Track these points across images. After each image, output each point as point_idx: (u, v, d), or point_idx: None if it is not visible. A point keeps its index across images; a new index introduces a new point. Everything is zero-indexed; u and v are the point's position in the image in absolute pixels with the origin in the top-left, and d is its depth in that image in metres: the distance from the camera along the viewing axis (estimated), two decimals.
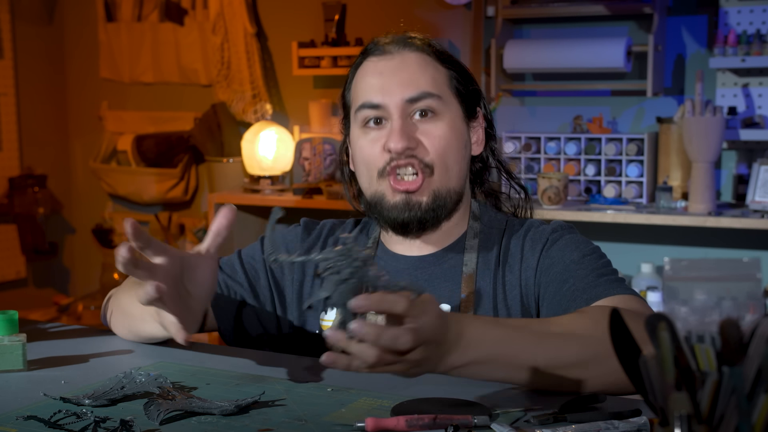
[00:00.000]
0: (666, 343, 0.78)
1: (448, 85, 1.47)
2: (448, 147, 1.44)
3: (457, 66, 1.50)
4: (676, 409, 0.78)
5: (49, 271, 4.56)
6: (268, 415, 1.15)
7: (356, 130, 1.48)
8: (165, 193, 4.21)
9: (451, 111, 1.46)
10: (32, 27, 4.42)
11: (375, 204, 1.47)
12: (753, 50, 2.99)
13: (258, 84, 3.95)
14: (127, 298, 1.51)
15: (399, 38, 1.48)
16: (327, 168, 3.64)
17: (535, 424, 1.10)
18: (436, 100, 1.43)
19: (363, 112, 1.45)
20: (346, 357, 1.07)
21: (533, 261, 1.44)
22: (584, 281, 1.37)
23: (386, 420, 1.08)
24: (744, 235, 3.11)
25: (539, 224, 1.50)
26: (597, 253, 1.44)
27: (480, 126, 1.53)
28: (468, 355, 1.15)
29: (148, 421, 1.13)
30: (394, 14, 3.69)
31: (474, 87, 1.52)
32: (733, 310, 0.74)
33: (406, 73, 1.44)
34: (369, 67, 1.47)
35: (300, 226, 1.62)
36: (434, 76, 1.45)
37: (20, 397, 1.24)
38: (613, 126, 3.35)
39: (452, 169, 1.45)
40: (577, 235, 1.47)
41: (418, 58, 1.45)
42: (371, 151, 1.45)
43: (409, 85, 1.43)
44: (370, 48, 1.49)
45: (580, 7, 3.23)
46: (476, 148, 1.53)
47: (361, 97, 1.46)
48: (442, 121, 1.44)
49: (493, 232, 1.50)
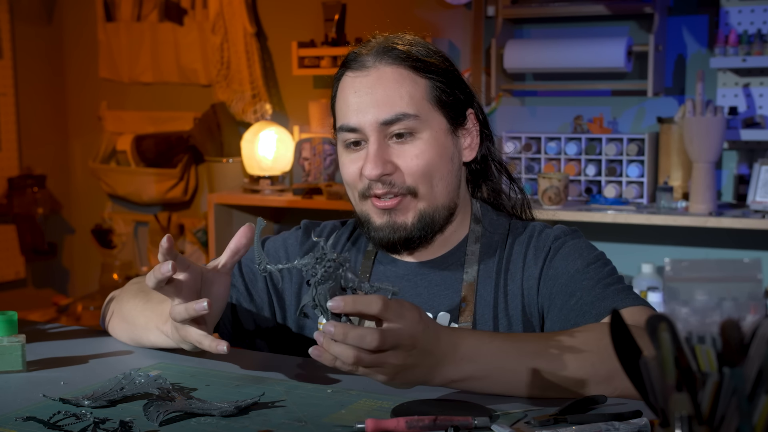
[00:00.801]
0: (667, 343, 0.78)
1: (427, 98, 1.40)
2: (429, 165, 1.40)
3: (441, 73, 1.43)
4: (676, 410, 0.78)
5: (49, 271, 4.56)
6: (268, 416, 1.15)
7: (340, 147, 1.46)
8: (164, 193, 4.21)
9: (432, 127, 1.41)
10: (31, 27, 4.42)
11: (363, 223, 1.46)
12: (754, 50, 2.98)
13: (258, 84, 3.95)
14: (130, 306, 1.51)
15: (378, 48, 1.42)
16: (327, 168, 3.64)
17: (536, 425, 1.10)
18: (413, 120, 1.38)
19: (343, 134, 1.43)
20: (331, 354, 1.10)
21: (536, 271, 1.42)
22: (591, 294, 1.35)
23: (386, 421, 1.08)
24: (745, 235, 3.10)
25: (542, 229, 1.47)
26: (602, 260, 1.42)
27: (472, 129, 1.48)
28: (464, 369, 1.16)
29: (147, 422, 1.13)
30: (394, 14, 3.69)
31: (462, 91, 1.46)
32: (734, 311, 0.74)
33: (381, 91, 1.39)
34: (347, 83, 1.43)
35: (300, 229, 1.61)
36: (411, 92, 1.39)
37: (19, 398, 1.24)
38: (613, 126, 3.34)
39: (437, 186, 1.41)
40: (580, 240, 1.45)
41: (394, 74, 1.39)
42: (351, 171, 1.43)
43: (384, 105, 1.38)
44: (350, 59, 1.45)
45: (581, 7, 3.23)
46: (468, 154, 1.48)
47: (340, 116, 1.44)
48: (421, 139, 1.39)
49: (495, 237, 1.48)
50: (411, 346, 1.11)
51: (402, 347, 1.10)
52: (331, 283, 1.15)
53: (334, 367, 1.12)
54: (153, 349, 1.49)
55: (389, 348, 1.09)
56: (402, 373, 1.13)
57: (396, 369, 1.12)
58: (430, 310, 1.44)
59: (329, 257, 1.15)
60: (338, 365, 1.11)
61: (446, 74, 1.44)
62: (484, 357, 1.18)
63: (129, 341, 1.52)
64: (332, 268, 1.15)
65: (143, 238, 4.40)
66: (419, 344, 1.11)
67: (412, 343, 1.11)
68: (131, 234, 4.40)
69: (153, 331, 1.42)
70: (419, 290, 1.46)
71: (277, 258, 1.55)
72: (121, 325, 1.53)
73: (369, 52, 1.43)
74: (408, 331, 1.10)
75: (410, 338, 1.10)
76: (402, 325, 1.10)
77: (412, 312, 1.12)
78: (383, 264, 1.51)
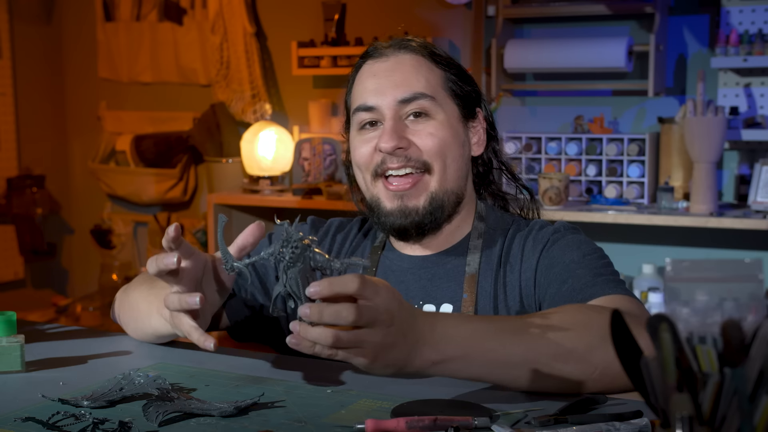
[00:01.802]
0: (668, 344, 0.78)
1: (443, 86, 1.48)
2: (443, 144, 1.45)
3: (455, 68, 1.51)
4: (677, 410, 0.78)
5: (48, 271, 4.56)
6: (268, 416, 1.15)
7: (354, 131, 1.51)
8: (164, 193, 4.21)
9: (446, 111, 1.47)
10: (30, 26, 4.42)
11: (373, 208, 1.49)
12: (755, 50, 2.98)
13: (257, 84, 3.95)
14: (135, 294, 1.52)
15: (396, 41, 1.50)
16: (327, 168, 3.64)
17: (536, 425, 1.10)
18: (429, 100, 1.45)
19: (359, 114, 1.48)
20: (309, 341, 1.11)
21: (533, 261, 1.45)
22: (582, 281, 1.37)
23: (386, 421, 1.07)
24: (746, 235, 3.10)
25: (543, 224, 1.50)
26: (598, 254, 1.43)
27: (480, 127, 1.54)
28: (443, 350, 1.16)
29: (147, 422, 1.12)
30: (394, 14, 3.69)
31: (472, 88, 1.53)
32: (735, 312, 0.74)
33: (399, 74, 1.46)
34: (366, 69, 1.50)
35: (307, 225, 1.63)
36: (428, 77, 1.46)
37: (18, 398, 1.23)
38: (614, 126, 3.34)
39: (449, 167, 1.46)
40: (580, 235, 1.47)
41: (413, 60, 1.47)
42: (365, 151, 1.47)
43: (402, 86, 1.45)
44: (369, 51, 1.51)
45: (581, 7, 3.22)
46: (477, 149, 1.54)
47: (357, 99, 1.49)
48: (436, 120, 1.46)
49: (498, 233, 1.51)
50: (388, 322, 1.10)
51: (379, 323, 1.10)
52: (300, 265, 1.15)
53: (314, 354, 1.12)
54: (156, 342, 1.49)
55: (366, 324, 1.09)
56: (382, 354, 1.12)
57: (375, 348, 1.11)
58: (433, 302, 1.47)
59: (295, 238, 1.15)
60: (317, 351, 1.11)
61: (459, 69, 1.52)
62: (462, 336, 1.17)
63: (135, 330, 1.52)
64: (299, 249, 1.15)
65: (142, 238, 4.39)
66: (396, 321, 1.11)
67: (389, 318, 1.10)
68: (130, 234, 4.40)
69: (154, 315, 1.42)
70: (423, 283, 1.49)
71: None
72: (127, 314, 1.54)
73: (387, 45, 1.50)
74: (384, 306, 1.10)
75: (387, 313, 1.10)
76: (378, 300, 1.10)
77: (387, 289, 1.12)
78: (389, 258, 1.54)
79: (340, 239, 1.59)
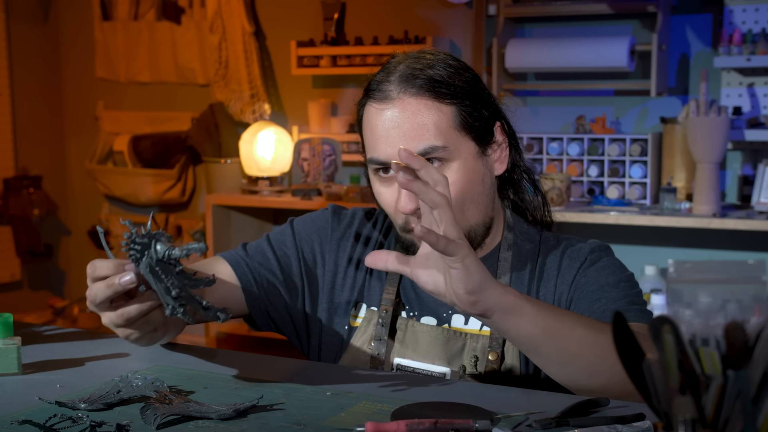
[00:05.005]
0: (670, 346, 0.78)
1: (454, 126, 1.39)
2: (461, 194, 1.40)
3: (465, 95, 1.42)
4: (680, 413, 0.77)
5: (45, 273, 4.55)
6: (267, 419, 1.14)
7: (371, 172, 1.46)
8: (162, 194, 4.20)
9: (461, 154, 1.40)
10: (27, 26, 4.41)
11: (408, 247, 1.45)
12: (758, 49, 2.97)
13: (256, 83, 3.94)
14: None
15: (401, 76, 1.40)
16: (326, 169, 3.63)
17: (537, 428, 1.09)
18: (442, 151, 1.38)
19: (372, 165, 1.43)
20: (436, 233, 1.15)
21: (570, 276, 1.46)
22: (615, 305, 1.39)
23: (386, 424, 1.06)
24: (749, 236, 3.10)
25: (576, 242, 1.51)
26: (632, 281, 1.46)
27: (503, 143, 1.48)
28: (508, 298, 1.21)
29: (144, 425, 1.12)
30: (394, 13, 3.68)
31: (488, 107, 1.45)
32: (738, 313, 0.73)
33: (407, 125, 1.38)
34: (371, 114, 1.42)
35: (328, 211, 1.61)
36: (437, 122, 1.38)
37: (15, 401, 1.23)
38: (616, 126, 3.34)
39: (468, 210, 1.42)
40: (614, 258, 1.49)
41: (419, 105, 1.38)
42: (387, 201, 1.44)
43: (412, 140, 1.37)
44: (372, 88, 1.43)
45: (583, 6, 3.22)
46: (499, 167, 1.48)
47: (369, 148, 1.43)
48: (451, 169, 1.39)
49: (526, 246, 1.50)
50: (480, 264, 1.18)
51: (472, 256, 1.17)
52: (147, 260, 1.19)
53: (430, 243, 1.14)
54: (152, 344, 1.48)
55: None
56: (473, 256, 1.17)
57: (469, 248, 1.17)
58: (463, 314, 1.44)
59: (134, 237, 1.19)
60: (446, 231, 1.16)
61: (471, 95, 1.43)
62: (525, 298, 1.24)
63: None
64: (141, 246, 1.19)
65: None
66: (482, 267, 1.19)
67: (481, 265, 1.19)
68: None
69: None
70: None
71: (310, 241, 1.56)
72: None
73: (391, 81, 1.41)
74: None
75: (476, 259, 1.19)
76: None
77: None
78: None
79: (365, 233, 1.58)
